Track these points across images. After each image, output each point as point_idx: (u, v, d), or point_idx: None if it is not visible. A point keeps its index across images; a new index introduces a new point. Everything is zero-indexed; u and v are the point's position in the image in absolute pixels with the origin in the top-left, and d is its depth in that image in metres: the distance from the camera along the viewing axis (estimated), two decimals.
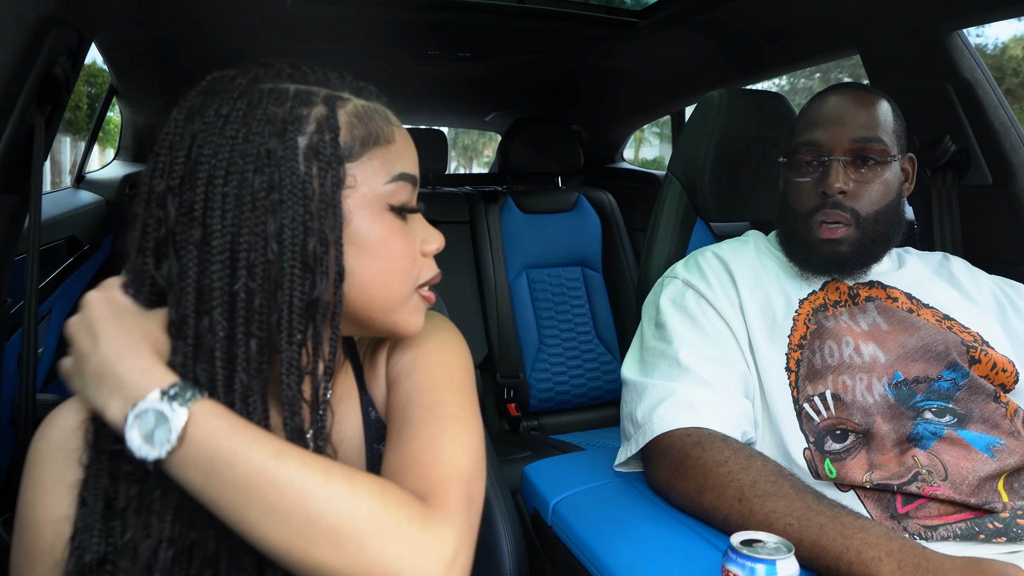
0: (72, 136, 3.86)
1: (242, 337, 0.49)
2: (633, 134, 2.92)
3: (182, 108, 0.53)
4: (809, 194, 0.94)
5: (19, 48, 0.74)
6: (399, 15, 1.61)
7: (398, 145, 0.56)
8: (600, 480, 0.93)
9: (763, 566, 0.57)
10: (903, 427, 0.83)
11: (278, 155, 0.50)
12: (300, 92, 0.53)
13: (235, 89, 0.52)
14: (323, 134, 0.52)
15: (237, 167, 0.50)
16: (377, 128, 0.55)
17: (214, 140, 0.50)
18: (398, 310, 0.57)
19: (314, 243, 0.50)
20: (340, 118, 0.53)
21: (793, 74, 1.91)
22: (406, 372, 0.60)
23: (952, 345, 0.88)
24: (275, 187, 0.50)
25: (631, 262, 2.27)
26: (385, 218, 0.55)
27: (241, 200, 0.49)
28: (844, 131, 0.92)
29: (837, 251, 0.92)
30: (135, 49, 1.59)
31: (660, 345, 0.92)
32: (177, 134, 0.52)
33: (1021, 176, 1.20)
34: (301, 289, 0.50)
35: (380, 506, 0.46)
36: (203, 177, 0.50)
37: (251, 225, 0.49)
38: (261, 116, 0.51)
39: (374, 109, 0.56)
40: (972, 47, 1.23)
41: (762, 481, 0.73)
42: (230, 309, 0.49)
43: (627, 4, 1.71)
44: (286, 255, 0.50)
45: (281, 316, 0.50)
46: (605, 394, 2.19)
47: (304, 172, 0.51)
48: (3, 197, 0.82)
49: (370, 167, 0.54)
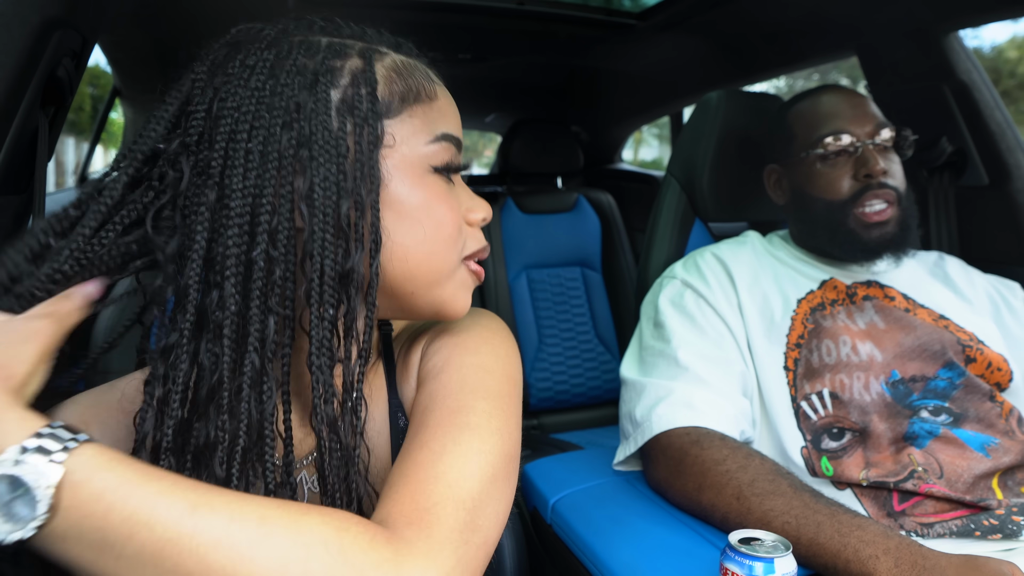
0: (76, 137, 3.87)
1: (257, 312, 0.43)
2: (632, 135, 2.93)
3: (204, 60, 0.48)
4: (845, 181, 0.94)
5: (23, 50, 0.75)
6: (399, 17, 1.61)
7: (440, 103, 0.51)
8: (599, 479, 0.93)
9: (761, 564, 0.57)
10: (899, 426, 0.84)
11: (308, 108, 0.45)
12: (333, 44, 0.49)
13: (263, 39, 0.48)
14: (358, 88, 0.47)
15: (263, 121, 0.44)
16: (418, 84, 0.50)
17: (238, 92, 0.45)
18: (444, 283, 0.50)
19: (348, 206, 0.45)
20: (377, 72, 0.48)
21: (792, 75, 1.92)
22: (436, 372, 0.51)
23: (948, 344, 0.89)
24: (304, 143, 0.45)
25: (630, 262, 2.27)
26: (428, 181, 0.49)
27: (266, 157, 0.44)
28: (867, 119, 0.94)
29: (886, 232, 0.93)
30: (138, 51, 1.60)
31: (659, 344, 0.93)
32: (198, 88, 0.46)
33: (1017, 177, 1.20)
34: (333, 257, 0.45)
35: (337, 556, 0.36)
36: (224, 132, 0.44)
37: (276, 186, 0.44)
38: (291, 67, 0.46)
39: (415, 65, 0.52)
40: (968, 49, 1.23)
41: (760, 480, 0.74)
42: (245, 280, 0.43)
43: (626, 6, 1.72)
44: (316, 218, 0.44)
45: (311, 288, 0.44)
46: (604, 393, 2.19)
47: (337, 128, 0.46)
48: (7, 198, 0.82)
49: (410, 125, 0.49)
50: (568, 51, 1.92)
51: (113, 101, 1.97)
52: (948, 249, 1.27)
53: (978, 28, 1.33)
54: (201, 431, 0.43)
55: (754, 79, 1.88)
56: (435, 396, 0.49)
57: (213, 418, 0.43)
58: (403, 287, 0.50)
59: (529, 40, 1.84)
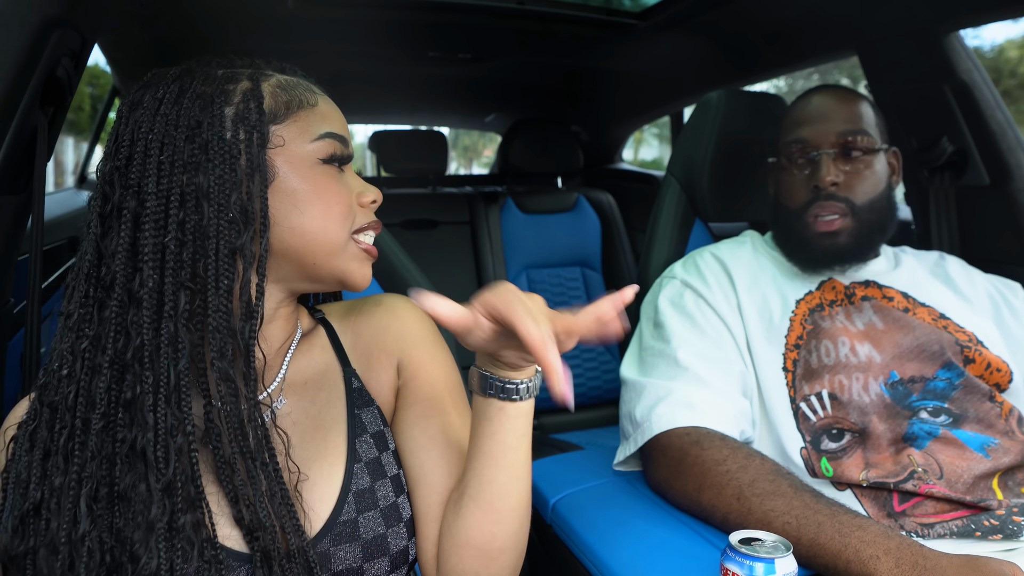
0: (75, 137, 3.87)
1: (171, 286, 0.53)
2: (632, 135, 2.93)
3: (125, 101, 0.60)
4: (801, 190, 0.95)
5: (22, 50, 0.75)
6: (400, 16, 1.61)
7: (321, 108, 0.62)
8: (599, 479, 0.93)
9: (761, 564, 0.57)
10: (899, 426, 0.84)
11: (206, 124, 0.56)
12: (227, 73, 0.60)
13: (169, 78, 0.59)
14: (248, 102, 0.58)
15: (170, 138, 0.55)
16: (300, 95, 0.61)
17: (150, 119, 0.56)
18: (339, 255, 0.61)
19: (237, 196, 0.55)
20: (264, 89, 0.59)
21: (792, 75, 1.92)
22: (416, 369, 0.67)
23: (947, 345, 0.89)
24: (203, 149, 0.55)
25: (630, 262, 2.27)
26: (317, 171, 0.60)
27: (173, 164, 0.55)
28: (830, 126, 0.94)
29: (836, 243, 0.93)
30: (137, 51, 1.60)
31: (659, 345, 0.93)
32: (123, 123, 0.58)
33: (1018, 177, 1.20)
34: (228, 238, 0.55)
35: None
36: (140, 151, 0.55)
37: (182, 186, 0.55)
38: (192, 94, 0.57)
39: (296, 82, 0.62)
40: (969, 49, 1.23)
41: (760, 480, 0.74)
42: (160, 262, 0.54)
43: (626, 6, 1.72)
44: (212, 208, 0.55)
45: (208, 263, 0.54)
46: (604, 393, 2.19)
47: (231, 137, 0.56)
48: (6, 198, 0.82)
49: (295, 127, 0.60)
50: (568, 51, 1.92)
51: (112, 101, 1.97)
52: (949, 249, 1.27)
53: (978, 28, 1.33)
54: (130, 385, 0.53)
55: (754, 79, 1.88)
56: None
57: (138, 373, 0.53)
58: (304, 258, 0.60)
59: (529, 40, 1.84)
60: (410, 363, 0.67)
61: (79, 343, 0.54)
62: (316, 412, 0.63)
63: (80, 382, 0.54)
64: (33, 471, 0.53)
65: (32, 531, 0.52)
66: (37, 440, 0.54)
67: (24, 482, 0.53)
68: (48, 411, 0.54)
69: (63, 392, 0.54)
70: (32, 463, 0.53)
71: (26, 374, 0.83)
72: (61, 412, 0.54)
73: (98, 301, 0.55)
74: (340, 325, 0.69)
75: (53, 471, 0.52)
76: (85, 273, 0.55)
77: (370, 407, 0.65)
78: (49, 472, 0.53)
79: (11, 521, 0.52)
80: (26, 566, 0.51)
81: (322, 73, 0.70)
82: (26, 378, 0.83)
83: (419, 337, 0.68)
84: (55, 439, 0.53)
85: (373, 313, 0.69)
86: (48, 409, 0.54)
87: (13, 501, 0.53)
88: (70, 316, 0.55)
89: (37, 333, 0.83)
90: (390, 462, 0.63)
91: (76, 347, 0.54)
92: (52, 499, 0.52)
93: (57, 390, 0.54)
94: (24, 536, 0.52)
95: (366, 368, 0.67)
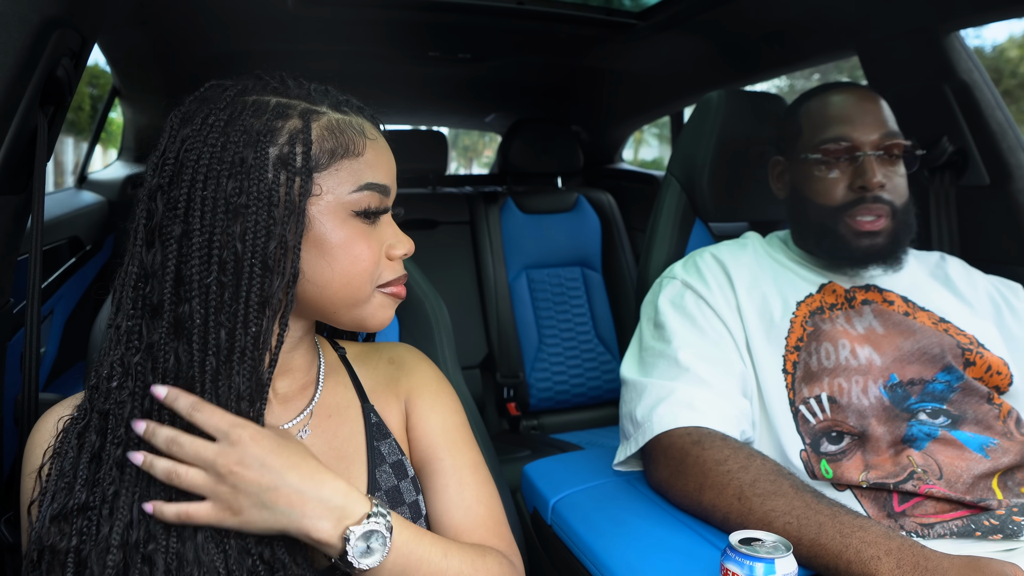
0: (75, 137, 3.87)
1: (213, 326, 0.54)
2: (632, 135, 2.93)
3: (178, 112, 0.58)
4: (840, 189, 0.94)
5: (22, 49, 0.75)
6: (400, 16, 1.61)
7: (368, 157, 0.60)
8: (599, 479, 0.93)
9: (762, 565, 0.57)
10: (898, 429, 0.84)
11: (249, 163, 0.55)
12: (279, 105, 0.58)
13: (223, 100, 0.57)
14: (294, 146, 0.56)
15: (214, 172, 0.54)
16: (348, 141, 0.59)
17: (197, 147, 0.55)
18: (361, 307, 0.61)
19: (274, 246, 0.55)
20: (313, 132, 0.57)
21: (792, 75, 1.92)
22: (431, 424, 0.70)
23: (947, 348, 0.89)
24: (243, 192, 0.54)
25: (630, 262, 2.27)
26: (349, 224, 0.59)
27: (216, 203, 0.54)
28: (875, 128, 0.94)
29: (875, 243, 0.93)
30: (137, 51, 1.60)
31: (659, 345, 0.93)
32: (171, 136, 0.57)
33: (1018, 177, 1.20)
34: (260, 287, 0.55)
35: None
36: (187, 179, 0.55)
37: (224, 226, 0.54)
38: (239, 127, 0.56)
39: (349, 123, 0.60)
40: (969, 48, 1.23)
41: (761, 480, 0.74)
42: (205, 299, 0.54)
43: (626, 6, 1.72)
44: (247, 255, 0.54)
45: (237, 308, 0.55)
46: (604, 393, 2.19)
47: (272, 180, 0.55)
48: (6, 197, 0.82)
49: (336, 177, 0.58)
50: (568, 51, 1.92)
51: (112, 101, 1.97)
52: (949, 249, 1.26)
53: (979, 27, 1.33)
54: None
55: (754, 79, 1.88)
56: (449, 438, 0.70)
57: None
58: (326, 308, 0.61)
59: (529, 40, 1.84)
60: (411, 412, 0.70)
61: (129, 354, 0.56)
62: (339, 444, 0.66)
63: (135, 396, 0.55)
64: (79, 471, 0.55)
65: (75, 530, 0.53)
66: (85, 443, 0.56)
67: (69, 479, 0.54)
68: (98, 416, 0.56)
69: (115, 400, 0.56)
70: (79, 463, 0.55)
71: (26, 374, 0.83)
72: (114, 424, 0.55)
73: (147, 316, 0.56)
74: (358, 365, 0.72)
75: (106, 478, 0.54)
76: (132, 286, 0.56)
77: (387, 439, 0.68)
78: (102, 479, 0.54)
79: (50, 512, 0.54)
80: (67, 563, 0.53)
81: (322, 73, 0.70)
82: (26, 378, 0.83)
83: (423, 388, 0.71)
84: (108, 448, 0.55)
85: (390, 362, 0.73)
86: (98, 415, 0.56)
87: (55, 495, 0.54)
88: (119, 328, 0.57)
89: (37, 333, 0.83)
90: (408, 489, 0.67)
91: (127, 359, 0.56)
92: (104, 506, 0.54)
93: (108, 398, 0.56)
94: (66, 533, 0.53)
95: (383, 405, 0.70)
